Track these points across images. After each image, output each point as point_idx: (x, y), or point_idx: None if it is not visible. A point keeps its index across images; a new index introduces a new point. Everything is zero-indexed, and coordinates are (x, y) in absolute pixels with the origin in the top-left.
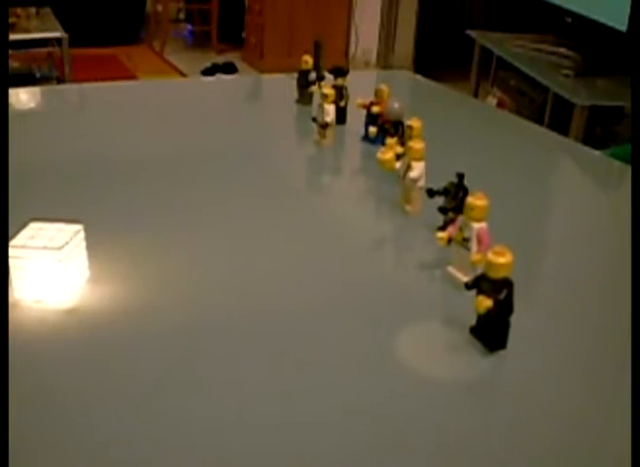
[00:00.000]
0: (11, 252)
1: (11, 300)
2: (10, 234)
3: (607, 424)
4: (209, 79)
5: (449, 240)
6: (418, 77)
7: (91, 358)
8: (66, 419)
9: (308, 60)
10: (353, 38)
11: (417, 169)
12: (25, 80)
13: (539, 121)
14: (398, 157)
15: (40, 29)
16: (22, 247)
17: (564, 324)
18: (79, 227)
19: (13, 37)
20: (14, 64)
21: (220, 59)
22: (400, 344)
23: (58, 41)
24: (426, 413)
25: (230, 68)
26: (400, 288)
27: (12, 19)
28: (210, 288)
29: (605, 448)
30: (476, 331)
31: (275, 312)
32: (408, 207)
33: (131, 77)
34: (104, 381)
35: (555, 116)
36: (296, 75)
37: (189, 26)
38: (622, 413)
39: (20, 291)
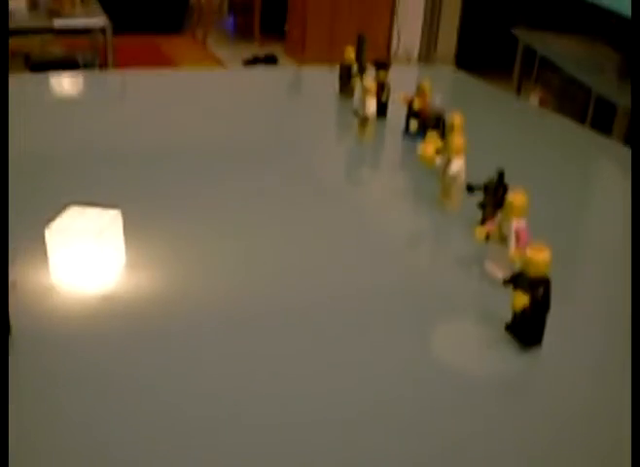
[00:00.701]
0: (49, 235)
1: (47, 282)
2: (49, 217)
3: None
4: (251, 71)
5: (488, 236)
6: (461, 73)
7: (123, 345)
8: (91, 406)
9: (351, 53)
10: (395, 33)
11: (457, 165)
12: (68, 66)
13: (581, 121)
14: (438, 152)
15: (84, 16)
16: (61, 230)
17: (601, 324)
18: (117, 211)
19: (57, 23)
20: (57, 50)
21: (262, 51)
22: (435, 339)
23: (102, 28)
24: (460, 408)
25: (271, 60)
26: (437, 283)
27: (56, 6)
28: (243, 281)
29: None
30: (511, 328)
31: (319, 303)
32: (447, 202)
33: (173, 66)
34: (132, 370)
35: (598, 116)
36: (337, 68)
37: (231, 17)
38: None
39: (57, 274)
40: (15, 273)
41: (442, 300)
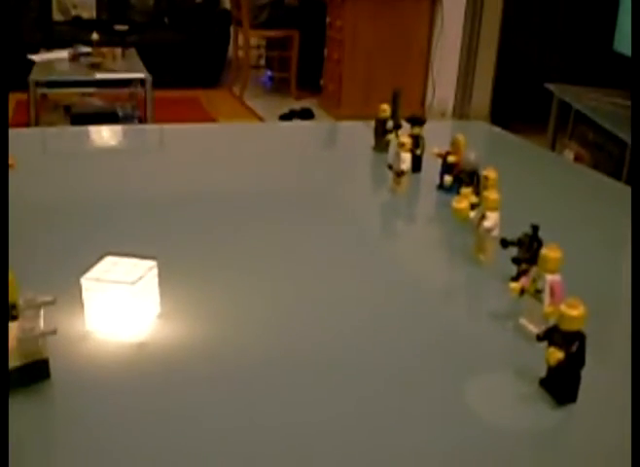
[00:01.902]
0: (84, 284)
1: (82, 331)
2: (85, 267)
3: None
4: (287, 124)
5: (522, 291)
6: (495, 128)
7: (157, 395)
8: (125, 453)
9: (386, 109)
10: (430, 88)
11: (492, 219)
12: (108, 118)
13: (617, 175)
14: (472, 206)
15: (125, 70)
16: (96, 280)
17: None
18: (153, 262)
19: (98, 76)
20: (98, 102)
21: (298, 105)
22: (469, 394)
23: (142, 82)
24: (492, 463)
25: (307, 114)
26: (471, 337)
27: (98, 59)
28: (280, 330)
29: None
30: (546, 383)
31: (347, 358)
32: (481, 257)
33: (211, 119)
34: (169, 420)
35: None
36: (372, 123)
37: (268, 72)
38: None
39: (92, 323)
40: (52, 320)
41: (476, 354)
